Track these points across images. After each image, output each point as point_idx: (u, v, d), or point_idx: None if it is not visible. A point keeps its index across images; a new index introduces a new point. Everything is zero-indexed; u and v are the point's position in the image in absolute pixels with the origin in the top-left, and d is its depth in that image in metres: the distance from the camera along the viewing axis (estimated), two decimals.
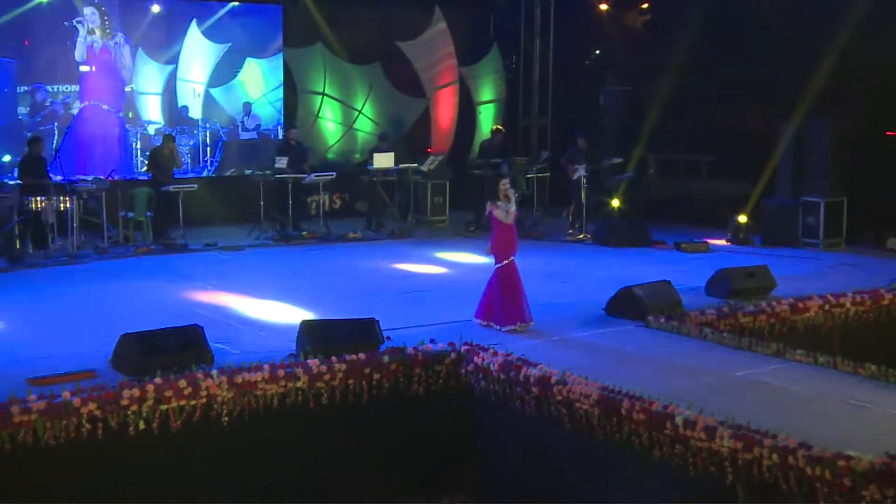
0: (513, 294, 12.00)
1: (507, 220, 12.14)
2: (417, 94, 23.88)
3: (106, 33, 20.14)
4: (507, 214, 12.14)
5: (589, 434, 9.57)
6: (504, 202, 12.14)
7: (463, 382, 10.96)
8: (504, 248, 12.13)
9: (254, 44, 21.92)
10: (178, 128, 21.22)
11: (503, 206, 12.14)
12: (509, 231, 12.20)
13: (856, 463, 7.57)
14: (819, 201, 18.37)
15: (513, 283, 12.04)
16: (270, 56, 22.17)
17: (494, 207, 12.16)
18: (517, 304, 12.01)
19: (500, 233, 12.17)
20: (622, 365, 10.60)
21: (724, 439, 8.37)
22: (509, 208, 12.15)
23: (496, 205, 12.16)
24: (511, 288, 12.00)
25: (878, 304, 14.00)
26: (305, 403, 10.14)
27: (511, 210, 12.18)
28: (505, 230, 12.16)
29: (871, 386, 9.91)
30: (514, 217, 12.28)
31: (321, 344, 10.45)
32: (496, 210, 12.15)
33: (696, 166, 23.52)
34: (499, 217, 12.15)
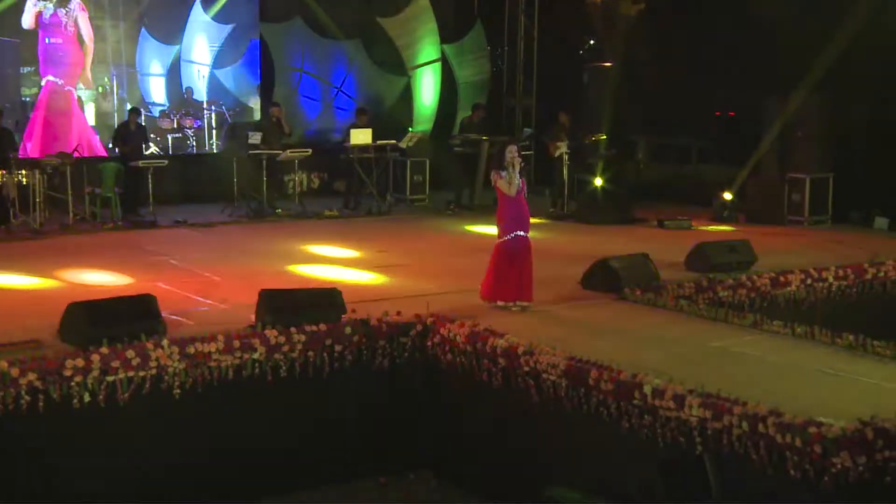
0: (508, 271, 11.07)
1: (510, 191, 10.97)
2: (398, 72, 23.44)
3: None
4: (509, 185, 10.96)
5: (556, 406, 9.23)
6: (510, 171, 10.95)
7: (429, 355, 10.60)
8: (508, 222, 11.09)
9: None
10: (184, 110, 20.89)
11: (507, 176, 10.97)
12: (515, 204, 11.06)
13: (826, 430, 7.25)
14: (805, 178, 17.99)
15: (511, 260, 11.04)
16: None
17: (498, 177, 11.04)
18: (520, 282, 11.11)
19: (504, 205, 11.12)
20: (594, 336, 10.26)
21: (692, 408, 8.06)
22: (513, 178, 10.95)
23: (499, 174, 11.02)
24: (507, 265, 11.06)
25: (861, 278, 13.71)
26: (263, 376, 9.77)
27: (515, 180, 10.96)
28: (509, 203, 11.06)
29: (848, 356, 9.62)
30: (520, 188, 11.06)
31: (281, 314, 10.05)
32: (499, 180, 11.03)
33: (686, 150, 23.24)
34: (501, 188, 11.03)
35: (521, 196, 11.06)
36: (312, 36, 22.17)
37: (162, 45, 20.75)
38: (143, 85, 20.64)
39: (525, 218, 11.15)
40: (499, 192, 11.11)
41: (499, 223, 11.19)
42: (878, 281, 13.89)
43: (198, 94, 21.25)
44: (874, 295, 13.83)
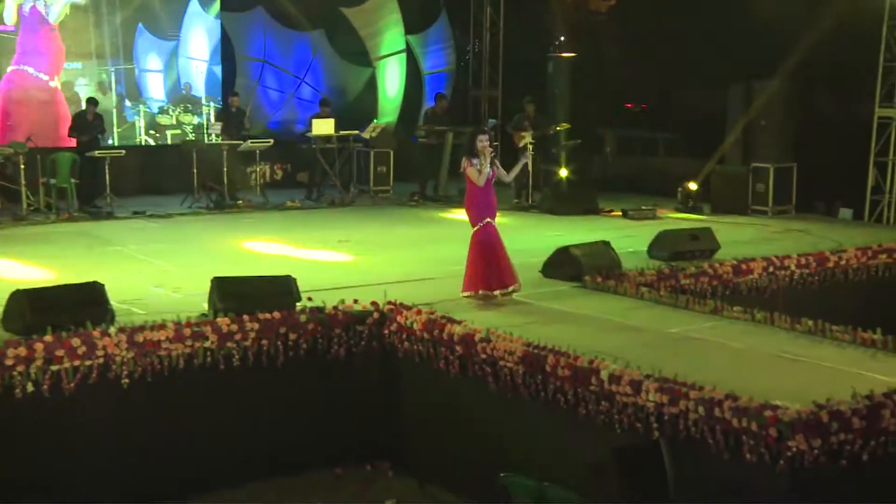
0: (490, 259, 10.91)
1: (480, 181, 10.83)
2: (363, 63, 23.23)
3: None
4: (479, 175, 10.82)
5: (514, 394, 9.08)
6: (481, 160, 10.81)
7: (386, 344, 10.42)
8: (478, 210, 10.97)
9: None
10: (184, 105, 20.74)
11: (477, 165, 10.82)
12: (483, 193, 10.92)
13: (782, 413, 7.12)
14: (768, 167, 17.89)
15: (487, 247, 10.91)
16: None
17: (468, 164, 10.86)
18: (500, 268, 10.96)
19: (473, 193, 10.98)
20: (552, 323, 10.09)
21: (649, 393, 7.93)
22: (484, 167, 10.81)
23: (471, 162, 10.85)
24: (488, 253, 10.90)
25: (824, 266, 13.62)
26: (215, 365, 9.56)
27: (486, 170, 10.82)
28: (478, 192, 10.92)
29: (808, 341, 9.50)
30: (490, 177, 10.93)
31: (233, 301, 9.85)
32: (469, 168, 10.85)
33: (653, 144, 23.23)
34: (471, 176, 10.86)
35: (489, 185, 10.96)
36: (274, 26, 21.92)
37: (159, 40, 20.62)
38: (140, 81, 20.50)
39: (493, 205, 11.06)
40: (468, 180, 10.97)
41: (468, 211, 11.07)
42: (840, 269, 13.80)
43: (196, 91, 21.07)
44: (836, 283, 13.75)
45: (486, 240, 10.89)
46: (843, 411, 7.24)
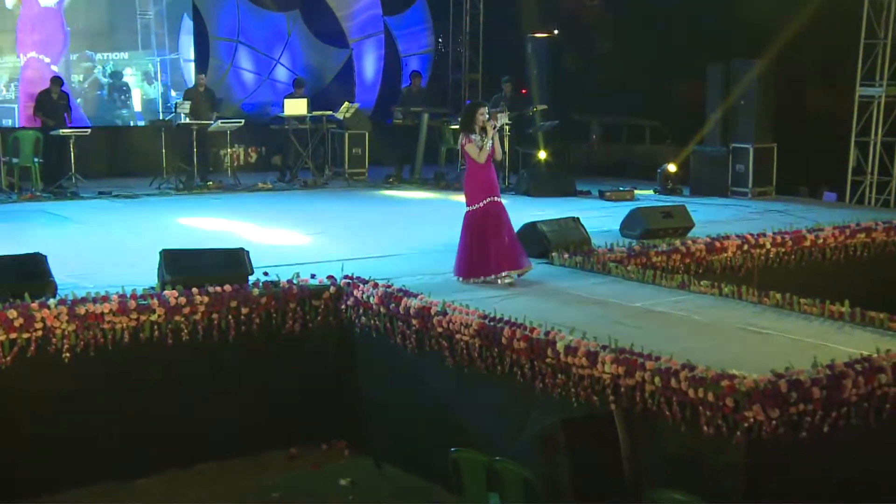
0: (480, 242, 10.19)
1: (481, 157, 10.14)
2: (339, 44, 22.90)
3: None
4: (479, 151, 10.13)
5: (471, 368, 8.78)
6: (479, 135, 10.16)
7: (343, 319, 10.11)
8: (477, 189, 10.26)
9: None
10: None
11: (477, 140, 10.15)
12: (484, 171, 10.25)
13: (739, 382, 6.82)
14: (748, 147, 17.57)
15: (484, 230, 10.19)
16: None
17: (467, 140, 10.17)
18: (483, 254, 10.20)
19: (473, 171, 10.31)
20: (513, 298, 9.75)
21: (605, 364, 7.63)
22: (484, 143, 10.13)
23: (469, 138, 10.16)
24: (480, 235, 10.20)
25: (800, 245, 13.28)
26: (162, 339, 9.24)
27: (486, 146, 10.12)
28: (478, 169, 10.23)
29: (775, 314, 9.20)
30: (490, 154, 10.23)
31: (182, 274, 9.55)
32: (468, 144, 10.16)
33: (639, 131, 22.98)
34: (470, 153, 10.19)
35: (489, 162, 10.28)
36: (248, 6, 21.57)
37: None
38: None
39: (495, 184, 10.36)
40: (467, 157, 10.34)
41: (467, 191, 10.40)
42: (817, 248, 13.47)
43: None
44: (814, 262, 13.44)
45: (485, 218, 10.18)
46: (803, 381, 6.95)
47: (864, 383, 7.18)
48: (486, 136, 10.13)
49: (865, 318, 8.80)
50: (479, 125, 10.19)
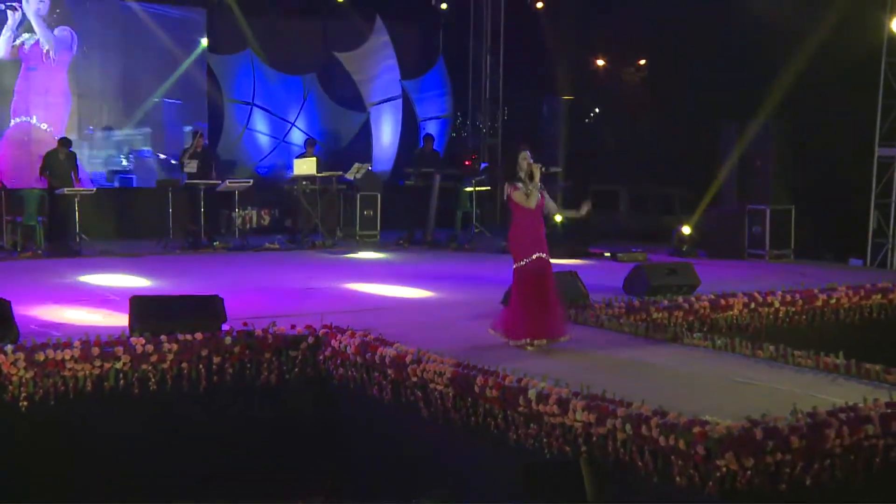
0: (532, 301, 9.36)
1: (529, 203, 9.35)
2: (356, 108, 22.77)
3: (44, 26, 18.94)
4: (527, 197, 9.37)
5: (445, 419, 8.39)
6: (526, 182, 9.36)
7: (321, 370, 9.73)
8: (524, 242, 9.45)
9: None
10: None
11: (523, 187, 9.38)
12: (532, 220, 9.45)
13: (711, 429, 6.38)
14: (764, 209, 17.14)
15: (534, 288, 9.36)
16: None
17: (513, 189, 9.37)
18: (533, 314, 9.38)
19: (520, 221, 9.47)
20: (495, 350, 9.34)
21: (576, 412, 7.21)
22: (531, 189, 9.37)
23: (514, 185, 9.36)
24: (529, 294, 9.37)
25: (812, 304, 12.73)
26: (128, 388, 8.90)
27: (535, 192, 9.36)
28: (526, 218, 9.42)
29: (767, 367, 8.82)
30: (541, 201, 9.47)
31: (152, 321, 9.22)
32: (514, 192, 9.36)
33: (669, 200, 22.61)
34: (518, 200, 9.36)
35: (539, 212, 9.48)
36: (264, 68, 21.49)
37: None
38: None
39: (542, 237, 9.50)
40: (513, 206, 9.48)
41: (512, 245, 9.61)
42: (830, 308, 12.93)
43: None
44: (826, 324, 12.89)
45: (532, 278, 9.38)
46: (780, 429, 6.52)
47: (848, 434, 6.73)
48: (532, 181, 9.37)
49: (860, 371, 8.35)
50: (523, 171, 9.41)
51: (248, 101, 21.43)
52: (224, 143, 20.57)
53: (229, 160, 20.56)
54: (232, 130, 21.08)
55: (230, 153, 20.70)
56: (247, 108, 21.44)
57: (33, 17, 18.95)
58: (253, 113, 21.52)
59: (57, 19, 19.23)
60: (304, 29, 22.06)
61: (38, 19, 18.97)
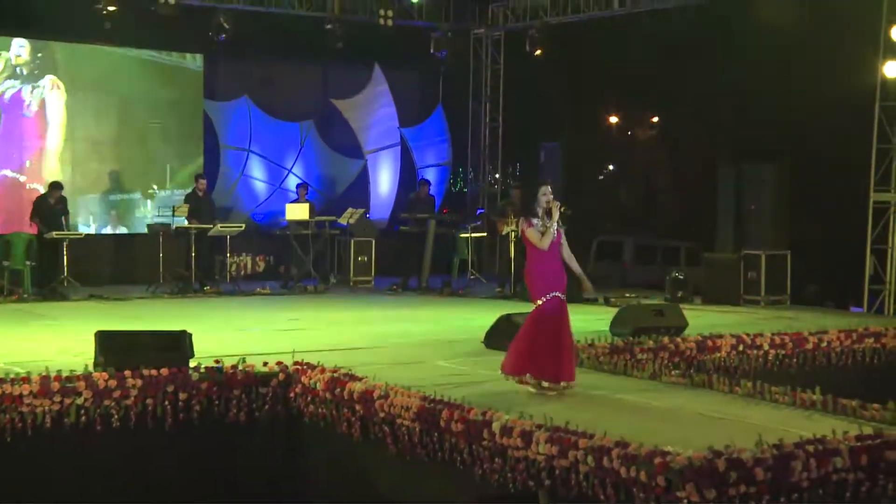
0: (546, 340, 8.86)
1: (543, 243, 8.88)
2: (354, 155, 22.67)
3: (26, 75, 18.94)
4: (541, 236, 8.88)
5: (412, 456, 8.17)
6: (543, 218, 8.93)
7: (292, 408, 9.52)
8: (541, 281, 8.99)
9: None
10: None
11: (539, 225, 8.96)
12: (549, 259, 8.98)
13: (672, 459, 6.16)
14: (759, 254, 16.93)
15: (549, 327, 8.89)
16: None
17: (528, 225, 8.94)
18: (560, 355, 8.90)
19: (536, 260, 9.02)
20: (466, 387, 9.14)
21: (539, 444, 7.00)
22: (549, 227, 8.91)
23: (530, 222, 8.94)
24: (542, 332, 8.90)
25: (802, 347, 12.52)
26: (90, 425, 8.68)
27: (552, 229, 8.89)
28: (542, 257, 8.96)
29: (744, 402, 8.59)
30: (557, 239, 8.97)
31: (117, 356, 9.04)
32: (528, 229, 8.94)
33: (674, 252, 22.49)
34: (532, 239, 8.94)
35: (556, 250, 9.00)
36: (260, 115, 21.44)
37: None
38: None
39: (562, 276, 9.04)
40: (528, 244, 9.04)
41: (529, 283, 9.18)
42: (821, 351, 12.70)
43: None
44: (818, 368, 12.65)
45: (548, 315, 8.91)
46: (744, 460, 6.31)
47: (816, 467, 6.50)
48: (550, 219, 8.90)
49: (837, 406, 8.13)
50: (541, 207, 8.95)
51: (244, 148, 21.33)
52: (220, 190, 20.45)
53: (225, 206, 20.44)
54: (228, 177, 20.99)
55: (226, 199, 20.59)
56: (243, 154, 21.35)
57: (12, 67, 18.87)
58: (249, 159, 21.42)
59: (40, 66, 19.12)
60: (302, 76, 21.99)
61: (18, 68, 18.90)
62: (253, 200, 21.48)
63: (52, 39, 19.21)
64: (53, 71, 19.31)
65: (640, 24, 19.80)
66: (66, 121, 19.43)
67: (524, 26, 21.84)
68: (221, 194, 20.41)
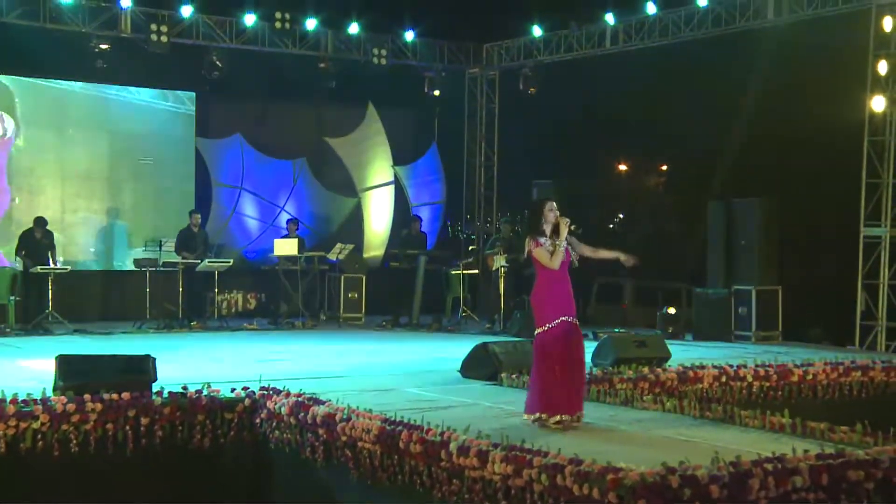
0: (557, 372, 8.29)
1: (553, 263, 8.32)
2: (348, 193, 22.58)
3: None
4: (551, 256, 8.34)
5: (373, 480, 8.01)
6: (551, 237, 8.40)
7: (258, 434, 9.36)
8: (548, 304, 8.41)
9: None
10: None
11: (547, 244, 8.41)
12: (558, 281, 8.39)
13: (624, 475, 6.00)
14: (750, 289, 16.77)
15: (559, 356, 8.30)
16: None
17: (535, 245, 8.37)
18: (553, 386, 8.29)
19: (544, 284, 8.44)
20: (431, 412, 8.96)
21: (495, 464, 6.83)
22: (558, 245, 8.37)
23: (537, 241, 8.38)
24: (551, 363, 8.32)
25: (787, 380, 12.33)
26: (47, 450, 8.52)
27: (561, 248, 8.33)
28: (550, 279, 8.39)
29: (714, 427, 8.41)
30: (566, 259, 8.40)
31: (78, 380, 8.92)
32: (536, 248, 8.38)
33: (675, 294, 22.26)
34: (540, 259, 8.37)
35: (565, 270, 8.43)
36: (253, 153, 21.40)
37: None
38: None
39: (570, 300, 8.43)
40: (536, 265, 8.47)
41: (535, 307, 8.56)
42: (807, 384, 12.50)
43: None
44: (804, 401, 12.43)
45: (559, 342, 8.33)
46: (699, 477, 6.14)
47: (774, 485, 6.33)
48: (558, 237, 8.38)
49: (806, 429, 7.96)
50: (548, 223, 8.44)
51: (236, 185, 21.27)
52: (212, 227, 20.32)
53: (217, 243, 20.33)
54: (220, 214, 20.90)
55: (218, 237, 20.45)
56: (235, 191, 21.28)
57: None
58: (241, 197, 21.35)
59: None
60: (295, 114, 21.92)
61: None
62: (245, 238, 21.39)
63: (42, 78, 19.16)
64: (45, 108, 19.26)
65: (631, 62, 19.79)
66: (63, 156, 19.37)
67: (519, 65, 21.82)
68: (213, 232, 20.29)
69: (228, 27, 19.59)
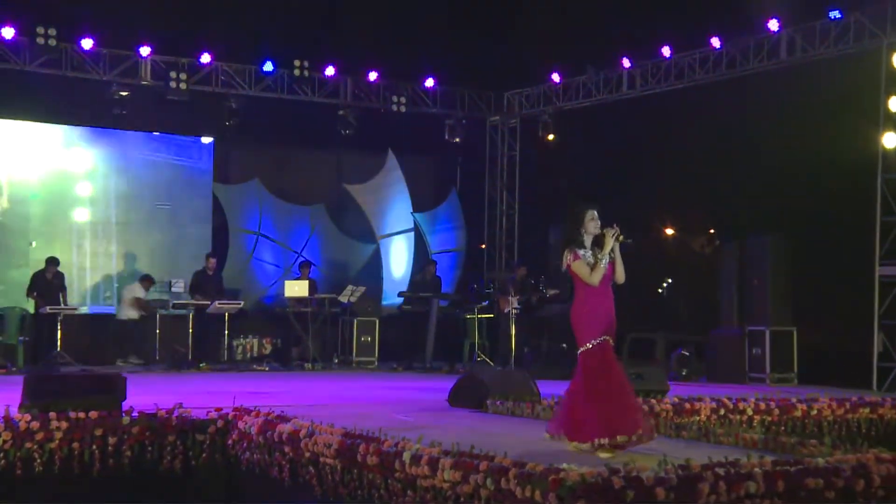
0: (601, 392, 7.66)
1: (593, 278, 7.71)
2: (366, 239, 22.52)
3: None
4: (591, 271, 7.72)
5: (335, 496, 7.85)
6: (593, 249, 7.79)
7: (230, 455, 9.21)
8: (590, 322, 7.75)
9: None
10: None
11: (587, 256, 7.80)
12: (599, 297, 7.77)
13: (565, 475, 5.79)
14: (764, 330, 16.47)
15: (603, 376, 7.71)
16: None
17: (574, 257, 7.74)
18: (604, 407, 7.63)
19: (584, 296, 7.80)
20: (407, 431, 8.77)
21: (445, 471, 6.67)
22: (600, 259, 7.75)
23: (576, 253, 7.75)
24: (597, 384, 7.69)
25: (790, 414, 11.97)
26: (10, 469, 8.42)
27: (603, 262, 7.74)
28: (591, 295, 7.76)
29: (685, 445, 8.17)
30: (608, 274, 7.80)
31: (45, 398, 8.83)
32: (575, 262, 7.75)
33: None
34: (580, 273, 7.74)
35: (607, 287, 7.84)
36: (271, 199, 21.43)
37: None
38: None
39: (612, 316, 7.82)
40: (576, 281, 7.85)
41: (575, 325, 7.86)
42: (812, 420, 12.14)
43: None
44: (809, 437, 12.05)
45: (598, 366, 7.72)
46: (644, 479, 5.92)
47: (726, 490, 6.10)
48: (600, 249, 7.78)
49: (777, 444, 7.72)
50: (589, 234, 7.85)
51: (254, 231, 21.29)
52: (229, 272, 20.33)
53: (234, 289, 20.32)
54: (237, 259, 20.90)
55: (235, 282, 20.46)
56: (252, 237, 21.29)
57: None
58: (259, 242, 21.36)
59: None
60: (314, 160, 21.94)
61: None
62: (262, 283, 21.36)
63: (62, 123, 19.34)
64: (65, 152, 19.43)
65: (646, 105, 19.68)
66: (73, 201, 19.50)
67: (538, 112, 21.77)
68: (230, 277, 20.29)
69: (247, 75, 19.70)
